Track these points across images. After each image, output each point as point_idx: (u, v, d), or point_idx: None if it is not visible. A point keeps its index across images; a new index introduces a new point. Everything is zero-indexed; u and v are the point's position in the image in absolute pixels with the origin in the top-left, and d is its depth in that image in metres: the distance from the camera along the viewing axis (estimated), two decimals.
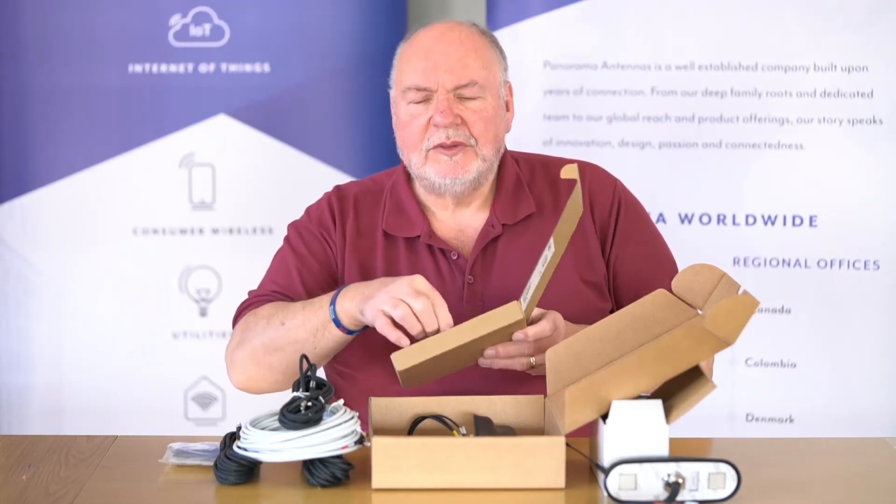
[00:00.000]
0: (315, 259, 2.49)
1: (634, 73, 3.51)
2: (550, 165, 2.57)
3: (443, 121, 2.39)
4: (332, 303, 2.31)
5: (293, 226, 2.56)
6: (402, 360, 2.22)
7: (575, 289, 2.45)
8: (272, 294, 2.48)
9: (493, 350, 2.25)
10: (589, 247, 2.49)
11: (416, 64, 2.42)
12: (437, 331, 2.22)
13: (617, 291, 2.51)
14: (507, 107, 2.51)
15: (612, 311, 2.44)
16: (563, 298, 2.39)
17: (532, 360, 2.26)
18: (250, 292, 2.53)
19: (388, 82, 2.51)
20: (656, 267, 2.51)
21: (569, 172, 2.16)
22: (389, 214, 2.50)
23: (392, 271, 2.45)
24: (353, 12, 3.59)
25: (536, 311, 2.26)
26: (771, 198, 3.49)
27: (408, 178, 2.53)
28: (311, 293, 2.45)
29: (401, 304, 2.21)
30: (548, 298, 2.36)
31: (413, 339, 2.23)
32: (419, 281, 2.24)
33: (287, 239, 2.55)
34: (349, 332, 2.33)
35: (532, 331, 2.23)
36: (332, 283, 2.48)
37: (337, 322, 2.31)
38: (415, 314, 2.21)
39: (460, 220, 2.50)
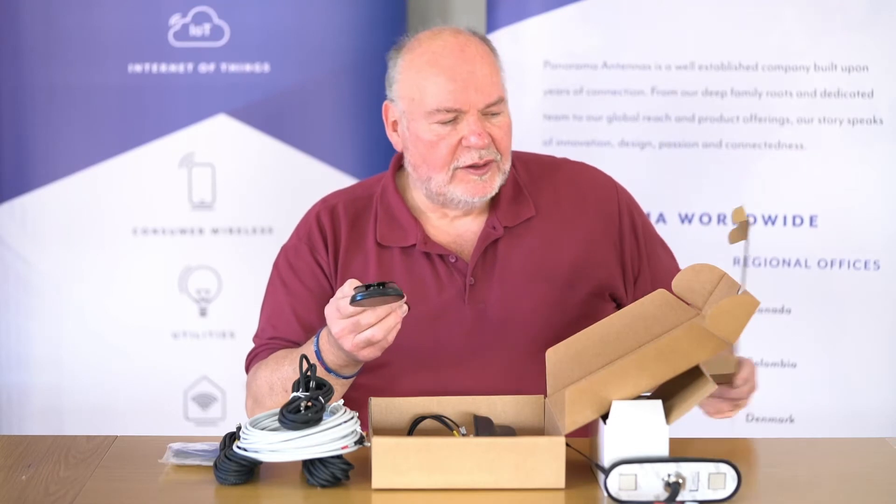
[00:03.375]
0: (307, 289, 2.47)
1: (634, 73, 3.51)
2: (547, 166, 2.56)
3: (479, 142, 2.37)
4: (322, 362, 2.28)
5: (283, 253, 2.53)
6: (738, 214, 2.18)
7: (574, 294, 2.44)
8: (271, 342, 2.47)
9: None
10: (589, 247, 2.48)
11: (444, 84, 2.38)
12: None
13: (642, 289, 2.49)
14: None
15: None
16: (557, 301, 2.39)
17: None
18: (254, 338, 2.52)
19: (386, 90, 2.47)
20: (670, 260, 2.54)
21: (738, 216, 2.13)
22: (382, 224, 2.47)
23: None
24: (353, 12, 3.59)
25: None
26: (771, 198, 3.49)
27: (396, 186, 2.51)
28: (308, 330, 2.44)
29: (348, 338, 2.19)
30: (547, 303, 2.36)
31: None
32: (333, 321, 2.20)
33: (278, 269, 2.52)
34: (351, 375, 2.33)
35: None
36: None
37: (337, 374, 2.30)
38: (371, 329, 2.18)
39: (456, 225, 2.49)
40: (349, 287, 2.16)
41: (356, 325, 2.16)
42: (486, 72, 2.39)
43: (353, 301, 2.13)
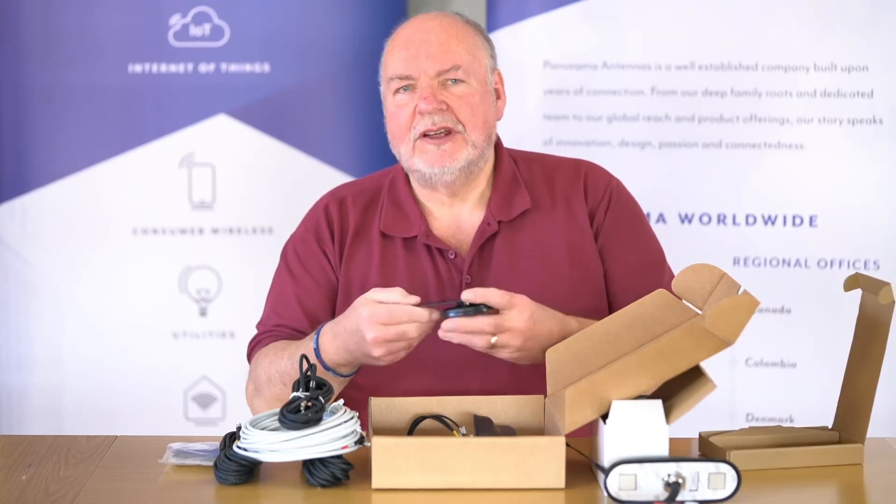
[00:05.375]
0: (313, 279, 2.48)
1: (634, 73, 3.51)
2: (548, 164, 2.56)
3: (427, 107, 2.38)
4: (320, 359, 2.28)
5: (291, 242, 2.54)
6: None
7: (570, 290, 2.44)
8: (275, 329, 2.48)
9: (454, 323, 2.20)
10: (584, 242, 2.48)
11: (397, 54, 2.42)
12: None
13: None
14: (498, 94, 2.49)
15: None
16: (554, 298, 2.39)
17: (493, 339, 2.22)
18: (258, 325, 2.53)
19: (378, 80, 2.50)
20: (641, 268, 2.50)
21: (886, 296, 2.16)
22: (387, 214, 2.48)
23: (389, 273, 2.44)
24: (353, 12, 3.59)
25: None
26: (771, 198, 3.49)
27: (406, 176, 2.52)
28: (312, 319, 2.45)
29: (386, 345, 2.20)
30: (543, 301, 2.35)
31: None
32: (366, 320, 2.20)
33: (285, 258, 2.53)
34: (349, 374, 2.33)
35: (481, 290, 2.20)
36: (332, 300, 2.48)
37: (335, 372, 2.30)
38: (400, 340, 2.20)
39: (458, 217, 2.49)
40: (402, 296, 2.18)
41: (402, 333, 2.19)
42: (441, 40, 2.41)
43: (445, 317, 2.18)
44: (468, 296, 2.20)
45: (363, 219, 2.50)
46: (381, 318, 2.18)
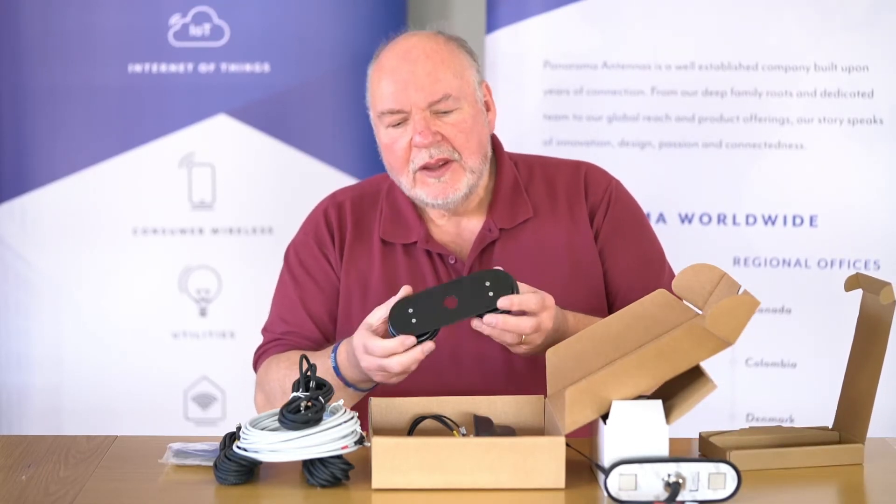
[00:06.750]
0: (316, 284, 2.48)
1: (634, 73, 3.51)
2: (549, 167, 2.56)
3: (423, 141, 2.36)
4: (341, 376, 2.29)
5: (292, 248, 2.54)
6: None
7: (569, 292, 2.44)
8: (283, 336, 2.48)
9: (496, 319, 2.19)
10: (584, 244, 2.48)
11: (385, 87, 2.39)
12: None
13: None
14: (488, 107, 2.47)
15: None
16: (557, 298, 2.39)
17: (524, 336, 2.22)
18: (263, 331, 2.53)
19: (366, 103, 2.48)
20: (641, 268, 2.50)
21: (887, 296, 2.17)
22: (386, 221, 2.48)
23: (390, 279, 2.44)
24: (353, 12, 3.59)
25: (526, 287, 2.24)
26: (771, 198, 3.49)
27: None
28: (319, 324, 2.46)
29: (381, 373, 2.20)
30: None
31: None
32: (363, 351, 2.21)
33: (288, 264, 2.53)
34: (371, 388, 2.33)
35: (517, 298, 2.19)
36: (337, 303, 2.48)
37: (355, 388, 2.30)
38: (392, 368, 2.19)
39: (458, 223, 2.49)
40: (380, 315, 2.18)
41: (382, 367, 2.19)
42: (428, 70, 2.38)
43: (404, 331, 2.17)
44: (504, 304, 2.18)
45: (362, 224, 2.50)
46: (368, 350, 2.19)
